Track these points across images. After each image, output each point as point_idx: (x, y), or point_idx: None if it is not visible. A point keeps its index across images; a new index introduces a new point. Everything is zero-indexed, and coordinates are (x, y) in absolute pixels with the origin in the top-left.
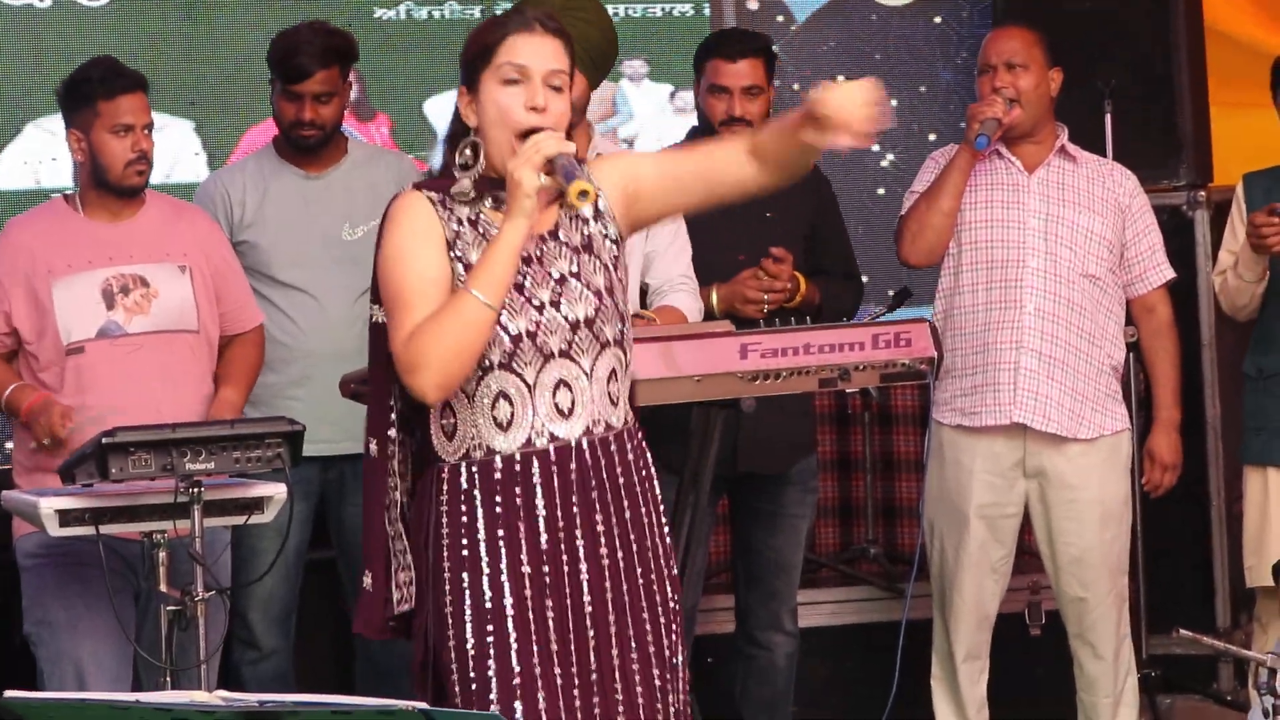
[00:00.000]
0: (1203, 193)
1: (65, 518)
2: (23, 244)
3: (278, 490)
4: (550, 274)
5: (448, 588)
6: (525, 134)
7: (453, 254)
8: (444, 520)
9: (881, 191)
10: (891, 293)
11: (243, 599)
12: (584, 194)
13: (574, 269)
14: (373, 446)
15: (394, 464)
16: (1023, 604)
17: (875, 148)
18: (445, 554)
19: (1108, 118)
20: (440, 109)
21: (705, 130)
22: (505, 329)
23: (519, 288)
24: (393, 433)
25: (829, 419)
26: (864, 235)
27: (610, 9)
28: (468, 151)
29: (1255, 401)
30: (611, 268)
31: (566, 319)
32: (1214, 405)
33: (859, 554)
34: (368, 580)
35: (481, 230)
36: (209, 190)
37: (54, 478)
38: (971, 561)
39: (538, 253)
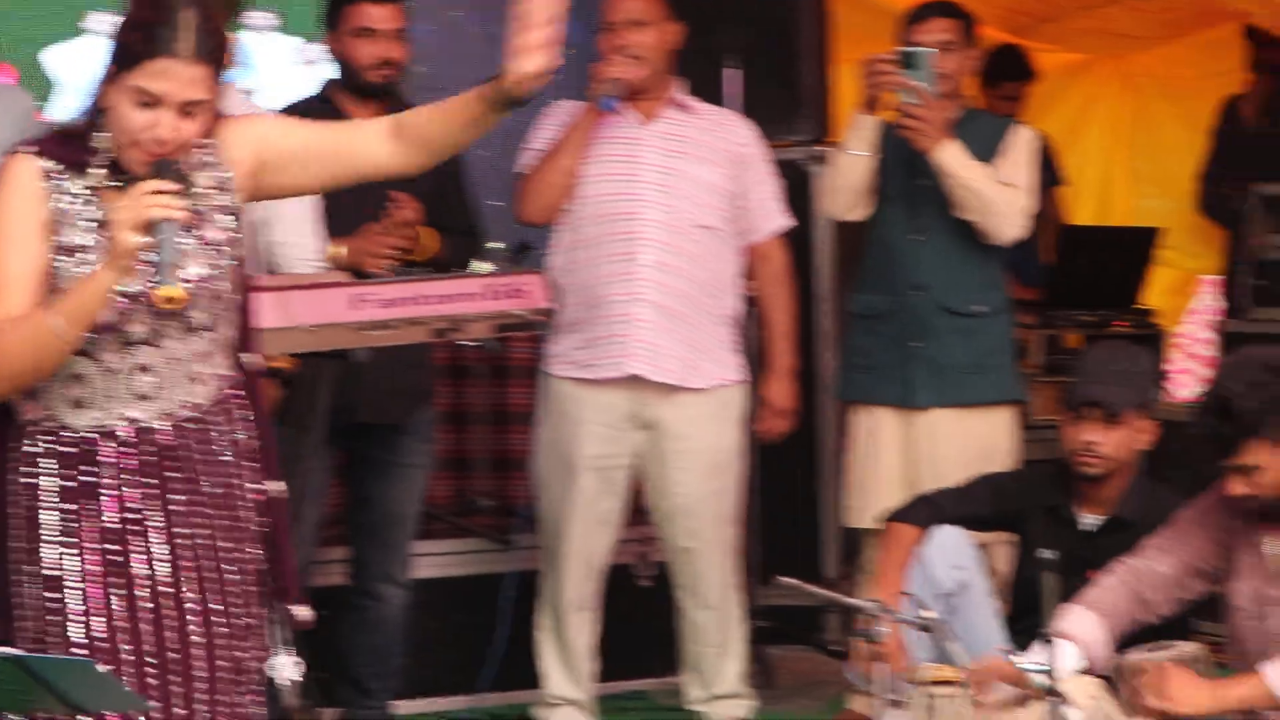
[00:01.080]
0: (822, 148)
1: None
2: None
3: None
4: (145, 262)
5: (14, 545)
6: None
7: (54, 237)
8: (12, 478)
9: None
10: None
11: None
12: (171, 300)
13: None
14: None
15: None
16: (632, 555)
17: None
18: (11, 510)
19: (726, 73)
20: (61, 58)
21: (347, 81)
22: None
23: None
24: None
25: (445, 371)
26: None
27: None
28: (101, 133)
29: (859, 340)
30: (219, 248)
31: (152, 307)
32: (832, 358)
33: (471, 506)
34: None
35: (95, 209)
36: None
37: None
38: (580, 512)
39: None
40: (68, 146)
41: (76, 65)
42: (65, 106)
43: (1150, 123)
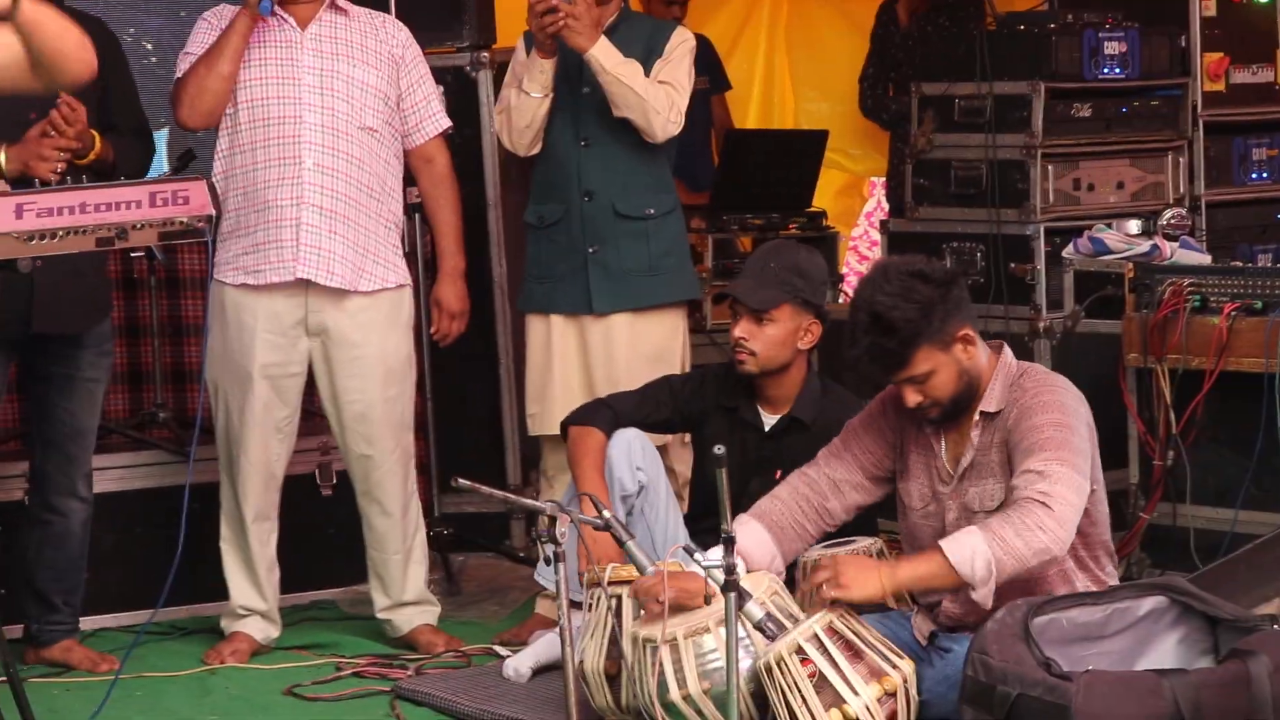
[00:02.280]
0: (485, 54)
1: None
2: None
3: None
4: None
5: None
6: None
7: None
8: None
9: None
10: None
11: None
12: None
13: None
14: None
15: None
16: (313, 465)
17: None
18: None
19: None
20: None
21: None
22: None
23: None
24: None
25: (117, 284)
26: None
27: None
28: None
29: (536, 250)
30: None
31: None
32: (500, 263)
33: (149, 419)
34: None
35: None
36: None
37: None
38: (256, 421)
39: None
40: None
41: None
42: None
43: (810, 27)
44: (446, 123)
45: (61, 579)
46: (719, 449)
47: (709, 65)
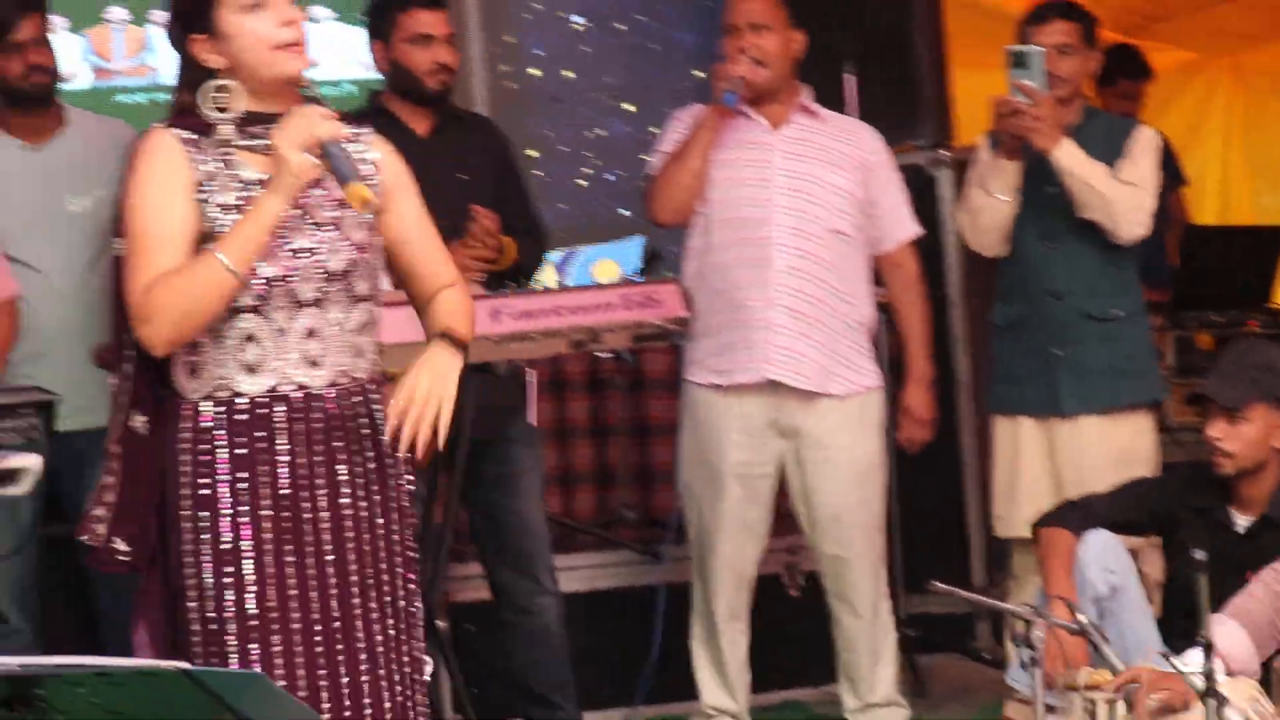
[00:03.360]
0: (945, 151)
1: None
2: None
3: (33, 462)
4: (311, 222)
5: (186, 525)
6: (283, 53)
7: (200, 195)
8: (183, 457)
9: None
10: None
11: None
12: (366, 203)
13: (335, 220)
14: (111, 379)
15: (125, 397)
16: (780, 565)
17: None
18: (183, 491)
19: (848, 79)
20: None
21: (401, 88)
22: (256, 271)
23: (276, 232)
24: (128, 367)
25: (583, 384)
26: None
27: None
28: (218, 95)
29: (1003, 351)
30: (371, 225)
31: (323, 268)
32: (963, 361)
33: (615, 519)
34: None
35: (234, 171)
36: None
37: None
38: (728, 522)
39: (300, 199)
40: (188, 116)
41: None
42: None
43: (1266, 119)
44: (917, 229)
45: (552, 674)
46: (1199, 554)
47: (1165, 160)
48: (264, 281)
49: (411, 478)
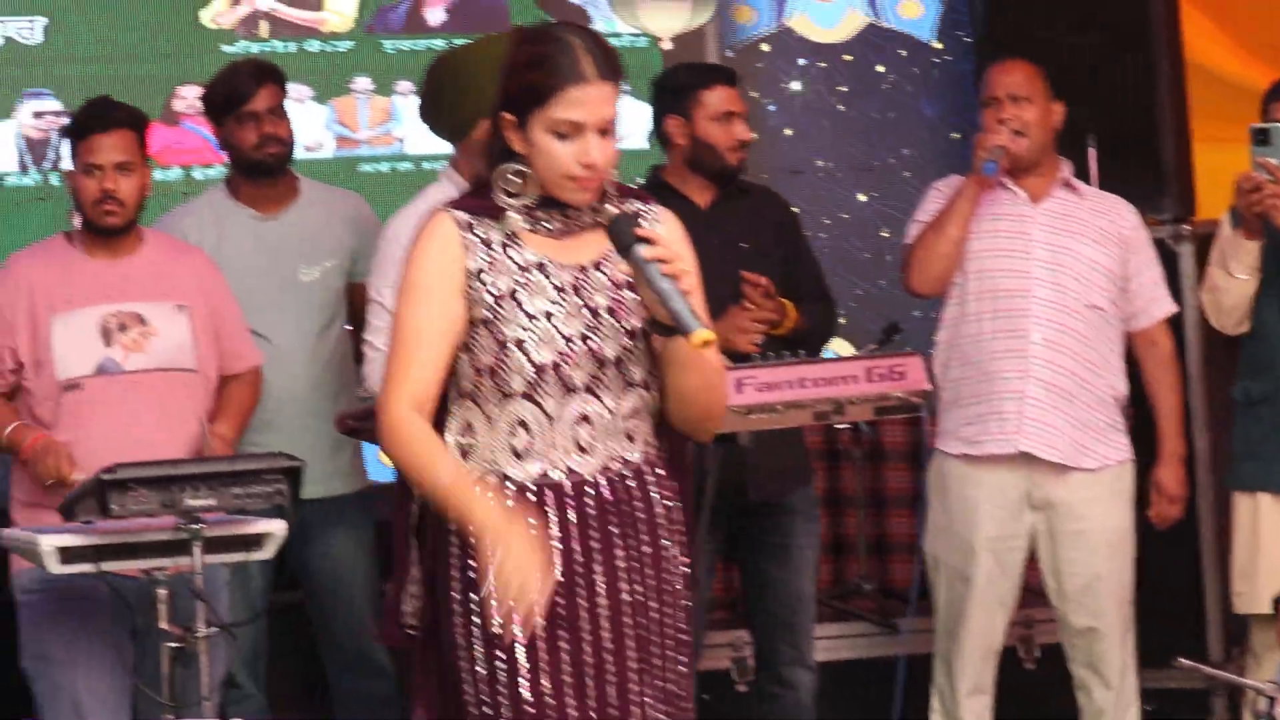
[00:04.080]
0: (1187, 226)
1: (67, 555)
2: (24, 279)
3: (278, 527)
4: (585, 307)
5: (457, 609)
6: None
7: (475, 285)
8: (454, 540)
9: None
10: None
11: None
12: (707, 342)
13: (611, 305)
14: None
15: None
16: (1016, 638)
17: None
18: (453, 574)
19: (1091, 151)
20: None
21: (698, 158)
22: (530, 358)
23: (549, 315)
24: None
25: (819, 455)
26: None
27: None
28: (513, 178)
29: (1244, 427)
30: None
31: (595, 354)
32: (1202, 436)
33: (852, 590)
34: (390, 589)
35: (512, 253)
36: (165, 231)
37: (52, 514)
38: (979, 594)
39: (576, 282)
40: (479, 198)
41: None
42: None
43: None
44: (1173, 307)
45: None
46: None
47: None
48: (535, 367)
49: (688, 560)
